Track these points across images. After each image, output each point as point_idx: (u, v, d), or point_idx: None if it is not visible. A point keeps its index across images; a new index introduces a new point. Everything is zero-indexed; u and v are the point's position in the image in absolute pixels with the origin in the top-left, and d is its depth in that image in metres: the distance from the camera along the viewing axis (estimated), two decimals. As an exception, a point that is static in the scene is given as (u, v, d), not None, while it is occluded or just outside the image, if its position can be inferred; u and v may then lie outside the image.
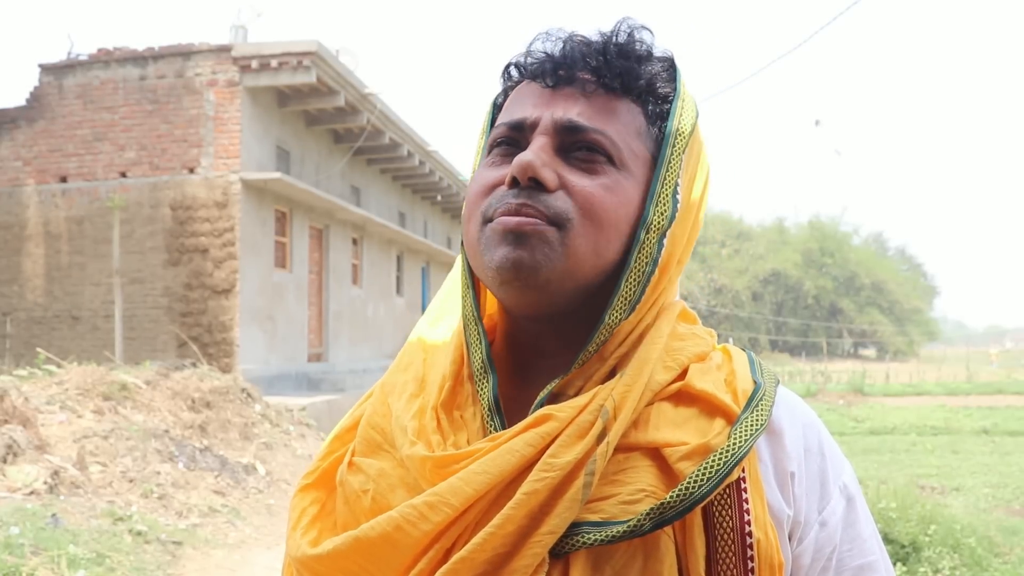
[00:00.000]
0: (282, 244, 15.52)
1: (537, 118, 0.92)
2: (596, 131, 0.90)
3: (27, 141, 14.55)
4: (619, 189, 0.89)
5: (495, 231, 0.87)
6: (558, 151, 0.90)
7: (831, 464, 0.92)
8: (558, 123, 0.90)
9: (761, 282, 58.44)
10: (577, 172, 0.89)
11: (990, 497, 9.52)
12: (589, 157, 0.90)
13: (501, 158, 0.94)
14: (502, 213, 0.87)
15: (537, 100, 0.93)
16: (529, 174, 0.86)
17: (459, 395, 0.92)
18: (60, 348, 13.17)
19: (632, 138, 0.92)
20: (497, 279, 0.87)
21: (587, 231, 0.87)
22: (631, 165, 0.91)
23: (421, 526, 0.80)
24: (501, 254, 0.86)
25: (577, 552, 0.79)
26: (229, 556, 6.27)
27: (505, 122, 0.95)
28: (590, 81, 0.92)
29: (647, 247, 0.90)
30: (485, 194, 0.92)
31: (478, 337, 0.93)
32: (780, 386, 0.94)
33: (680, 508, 0.79)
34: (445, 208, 26.78)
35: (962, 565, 6.06)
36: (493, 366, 0.91)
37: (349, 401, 13.04)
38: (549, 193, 0.87)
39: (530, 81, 0.96)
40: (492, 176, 0.92)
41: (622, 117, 0.92)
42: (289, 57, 13.60)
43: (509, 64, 1.00)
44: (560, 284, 0.87)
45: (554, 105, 0.92)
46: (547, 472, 0.79)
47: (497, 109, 1.02)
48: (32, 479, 6.27)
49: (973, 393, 26.39)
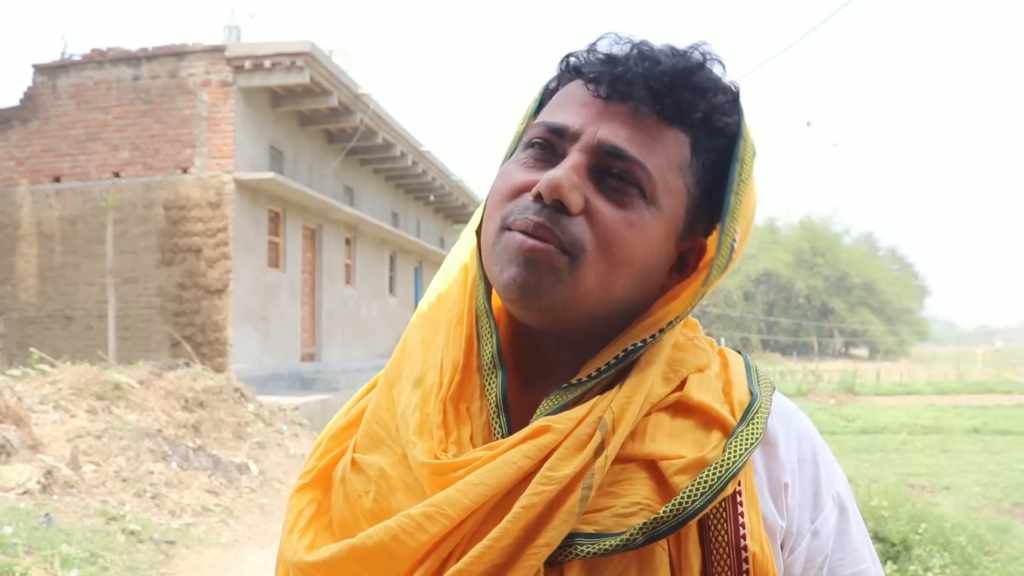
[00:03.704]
0: (275, 244, 15.49)
1: (579, 130, 0.87)
2: (636, 162, 0.86)
3: (21, 141, 14.51)
4: (643, 226, 0.86)
5: (509, 248, 0.86)
6: (592, 172, 0.86)
7: (824, 473, 0.92)
8: (601, 144, 0.86)
9: (752, 282, 58.38)
10: (605, 200, 0.86)
11: (980, 496, 9.55)
12: (622, 187, 0.86)
13: (534, 161, 0.90)
14: (519, 227, 0.85)
15: (584, 109, 0.89)
16: (555, 196, 0.84)
17: (467, 387, 0.91)
18: (53, 348, 13.12)
19: (671, 172, 0.88)
20: (504, 294, 0.87)
21: (599, 265, 0.85)
22: (662, 201, 0.88)
23: (418, 536, 0.80)
24: (509, 274, 0.85)
25: (571, 563, 0.80)
26: (222, 555, 6.27)
27: (546, 123, 0.90)
28: (645, 103, 0.87)
29: (699, 299, 0.90)
30: (509, 197, 0.89)
31: (489, 331, 0.92)
32: (776, 393, 0.94)
33: (674, 523, 0.79)
34: (438, 208, 26.74)
35: (952, 563, 6.08)
36: (504, 362, 0.90)
37: (342, 401, 12.98)
38: (571, 217, 0.84)
39: (583, 83, 0.90)
40: (520, 179, 0.89)
41: (667, 148, 0.88)
42: (282, 57, 13.57)
43: (569, 55, 0.95)
44: (563, 310, 0.86)
45: (601, 121, 0.87)
46: (545, 486, 0.79)
47: (547, 94, 0.98)
48: (25, 479, 6.26)
49: (963, 392, 26.40)
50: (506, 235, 0.87)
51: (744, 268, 57.72)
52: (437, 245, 26.22)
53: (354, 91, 15.58)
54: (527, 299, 0.85)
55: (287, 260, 15.80)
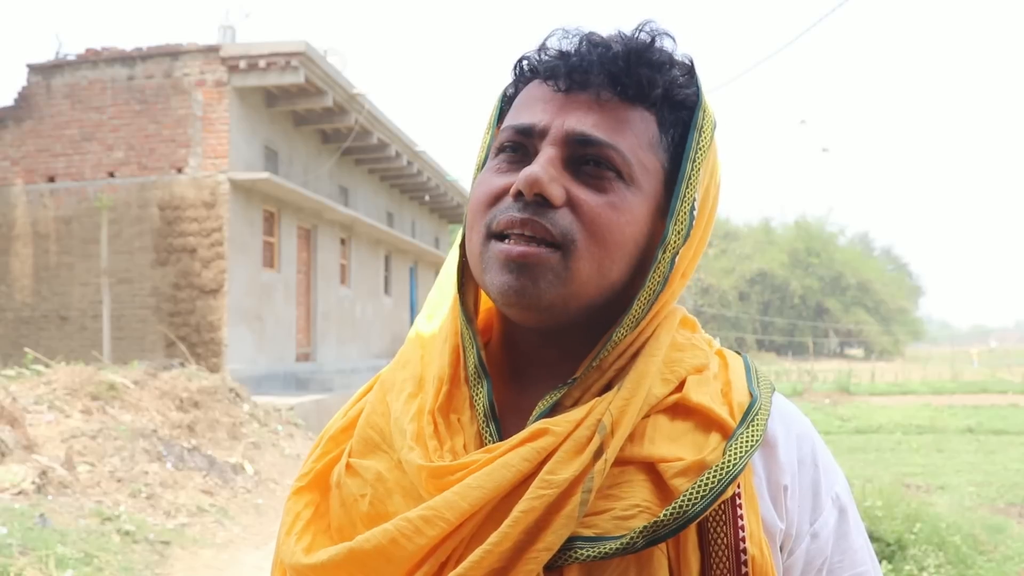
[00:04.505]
0: (270, 244, 15.48)
1: (547, 125, 0.88)
2: (608, 146, 0.86)
3: (15, 141, 14.48)
4: (627, 207, 0.86)
5: (497, 258, 0.85)
6: (567, 163, 0.86)
7: (824, 475, 0.91)
8: (569, 134, 0.86)
9: (748, 282, 58.46)
10: (584, 188, 0.86)
11: (975, 495, 9.55)
12: (598, 172, 0.86)
13: (508, 164, 0.90)
14: (504, 226, 0.85)
15: (547, 105, 0.89)
16: (535, 190, 0.83)
17: (455, 398, 0.90)
18: (48, 348, 13.11)
19: (644, 150, 0.88)
20: (500, 301, 0.87)
21: (592, 252, 0.85)
22: (641, 180, 0.88)
23: (416, 540, 0.79)
24: (503, 281, 0.84)
25: (570, 566, 0.79)
26: (217, 556, 6.26)
27: (513, 125, 0.90)
28: (605, 88, 0.87)
29: (661, 266, 0.88)
30: (489, 204, 0.89)
31: (471, 341, 0.91)
32: (776, 394, 0.93)
33: (674, 526, 0.78)
34: (433, 208, 26.73)
35: (947, 563, 6.09)
36: (487, 371, 0.90)
37: (337, 401, 13.02)
38: (555, 209, 0.84)
39: (541, 81, 0.91)
40: (497, 184, 0.89)
41: (635, 128, 0.88)
42: (277, 57, 13.57)
43: (522, 58, 0.95)
44: (563, 306, 0.86)
45: (566, 113, 0.87)
46: (544, 489, 0.78)
47: (506, 101, 0.98)
48: (20, 479, 6.26)
49: (958, 392, 26.39)
50: (493, 244, 0.86)
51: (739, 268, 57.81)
52: (432, 245, 26.21)
53: (349, 91, 15.58)
54: (526, 301, 0.84)
55: (282, 260, 15.79)
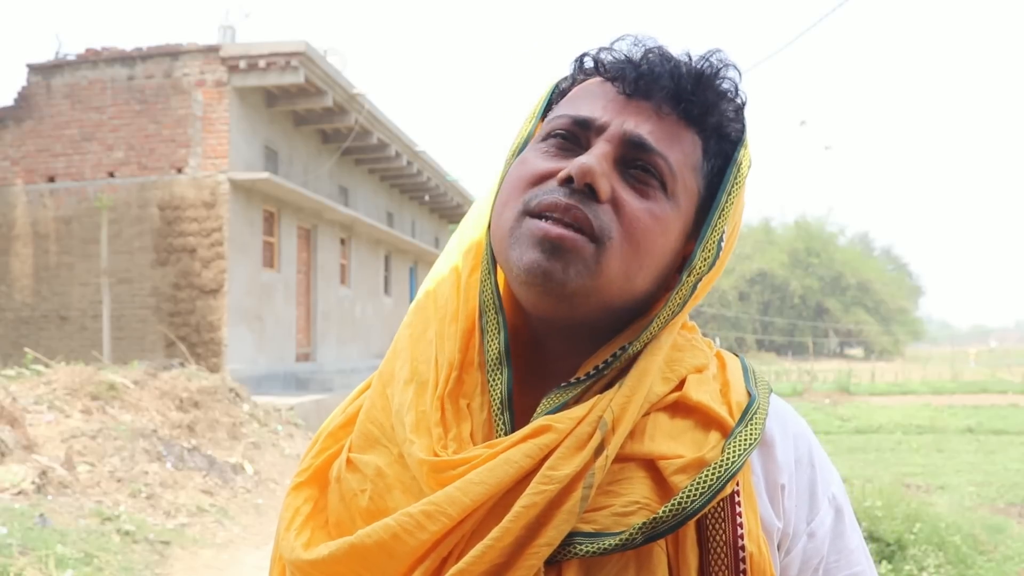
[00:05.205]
0: (270, 244, 15.49)
1: (606, 123, 0.89)
2: (660, 155, 0.87)
3: (15, 141, 14.49)
4: (665, 218, 0.88)
5: (534, 234, 0.85)
6: (616, 163, 0.88)
7: (820, 475, 0.92)
8: (626, 135, 0.88)
9: (748, 282, 58.47)
10: (629, 190, 0.87)
11: (975, 495, 9.56)
12: (644, 178, 0.88)
13: (557, 151, 0.91)
14: (547, 207, 0.85)
15: (609, 104, 0.90)
16: (587, 179, 0.84)
17: (466, 383, 0.90)
18: (48, 348, 13.11)
19: (688, 170, 0.90)
20: (522, 278, 0.86)
21: (624, 253, 0.85)
22: (680, 197, 0.89)
23: (418, 535, 0.79)
24: (532, 258, 0.84)
25: (569, 562, 0.80)
26: (217, 556, 6.26)
27: (570, 114, 0.91)
28: (667, 102, 0.89)
29: (684, 290, 0.89)
30: (531, 183, 0.89)
31: (497, 327, 0.90)
32: (772, 395, 0.94)
33: (673, 523, 0.79)
34: (433, 208, 26.75)
35: (947, 563, 6.10)
36: (510, 359, 0.89)
37: (337, 401, 12.96)
38: (599, 203, 0.85)
39: (604, 80, 0.93)
40: (543, 167, 0.89)
41: (685, 147, 0.90)
42: (277, 57, 13.57)
43: (585, 54, 0.96)
44: (584, 299, 0.86)
45: (627, 115, 0.89)
46: (546, 485, 0.79)
47: (558, 94, 0.99)
48: (20, 479, 6.26)
49: (958, 392, 26.41)
50: (529, 221, 0.86)
51: (739, 268, 57.79)
52: (432, 245, 26.21)
53: (349, 91, 15.58)
54: (550, 285, 0.84)
55: (282, 260, 15.80)
